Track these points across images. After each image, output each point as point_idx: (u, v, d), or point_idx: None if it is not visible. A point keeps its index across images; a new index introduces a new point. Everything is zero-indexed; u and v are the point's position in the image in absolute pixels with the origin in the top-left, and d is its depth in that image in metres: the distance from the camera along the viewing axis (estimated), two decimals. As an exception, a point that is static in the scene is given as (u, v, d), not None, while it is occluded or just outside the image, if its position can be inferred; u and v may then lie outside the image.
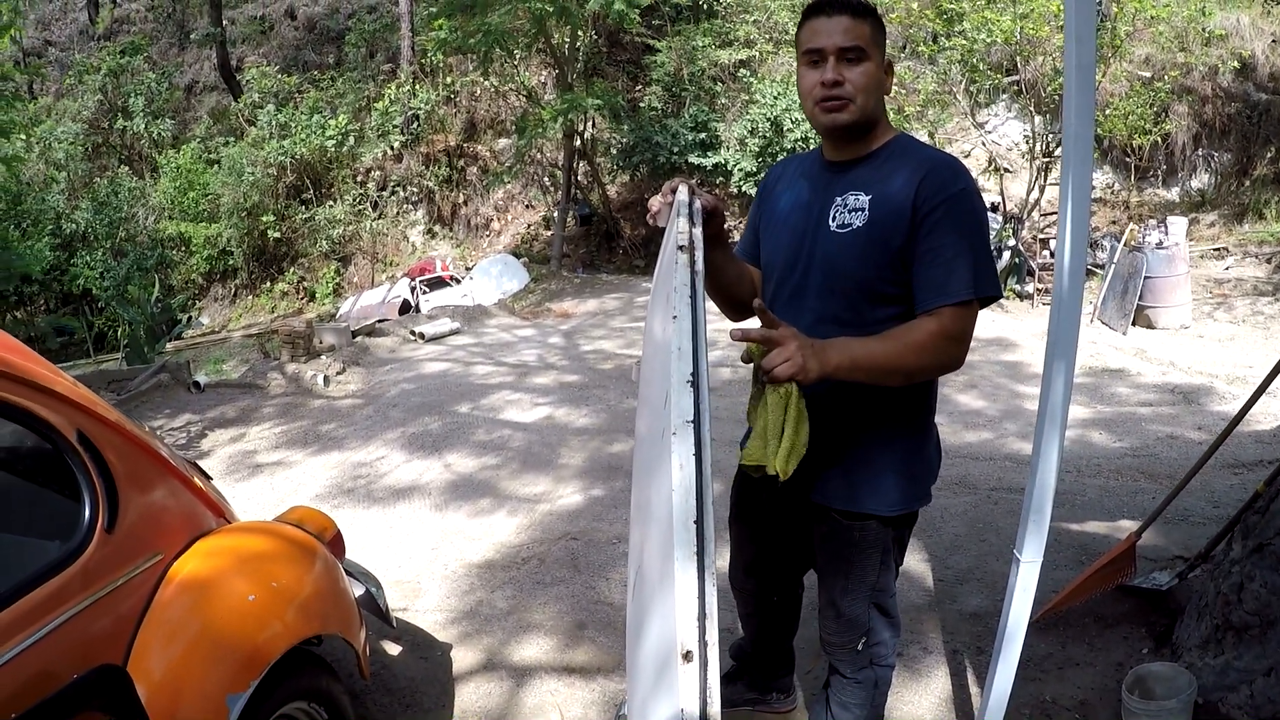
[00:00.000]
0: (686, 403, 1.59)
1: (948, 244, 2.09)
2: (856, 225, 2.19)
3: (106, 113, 22.65)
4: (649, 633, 1.59)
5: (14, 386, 1.96)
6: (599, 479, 6.00)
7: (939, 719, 3.19)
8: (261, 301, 20.93)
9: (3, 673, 1.74)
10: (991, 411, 7.46)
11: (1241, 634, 2.84)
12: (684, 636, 1.35)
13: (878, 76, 2.19)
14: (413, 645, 3.88)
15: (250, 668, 2.21)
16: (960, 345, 2.10)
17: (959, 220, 2.09)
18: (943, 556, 4.44)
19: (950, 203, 2.09)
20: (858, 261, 2.18)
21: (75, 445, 2.07)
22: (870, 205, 2.17)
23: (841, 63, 2.15)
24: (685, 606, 1.37)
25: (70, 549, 2.02)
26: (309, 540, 2.70)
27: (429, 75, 21.89)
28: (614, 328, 12.75)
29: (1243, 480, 5.22)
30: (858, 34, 2.13)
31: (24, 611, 1.84)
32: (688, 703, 1.30)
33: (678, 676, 1.32)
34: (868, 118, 2.20)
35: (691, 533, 1.43)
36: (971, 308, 2.10)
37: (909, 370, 2.06)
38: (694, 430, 1.55)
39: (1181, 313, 10.99)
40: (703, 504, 1.47)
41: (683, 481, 1.49)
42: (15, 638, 1.80)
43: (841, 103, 2.17)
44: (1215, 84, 15.05)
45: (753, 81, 16.86)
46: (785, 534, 2.59)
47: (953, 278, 2.07)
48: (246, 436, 7.67)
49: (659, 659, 1.46)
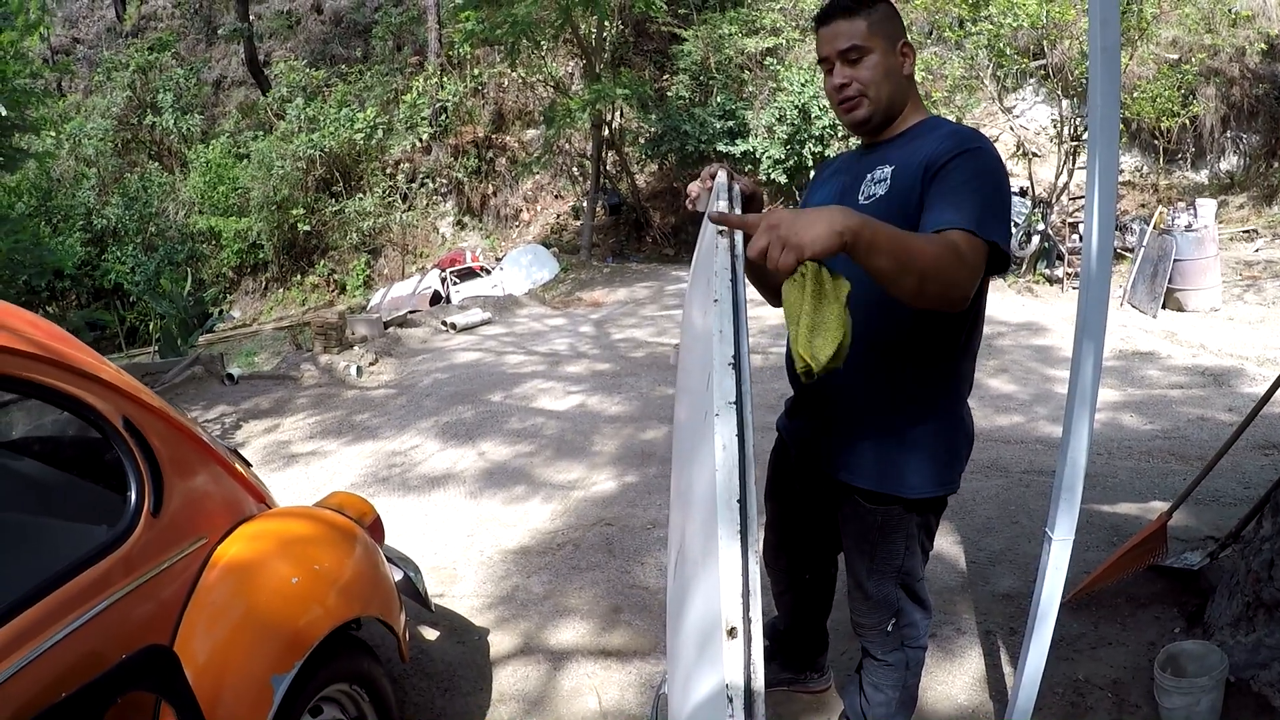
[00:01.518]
0: (729, 384, 1.62)
1: (957, 186, 2.04)
2: (879, 194, 2.23)
3: (135, 109, 22.91)
4: (691, 611, 1.63)
5: (63, 374, 2.01)
6: (632, 466, 6.05)
7: (972, 699, 3.23)
8: (292, 294, 21.11)
9: (53, 653, 1.80)
10: (1023, 395, 7.45)
11: (1273, 611, 2.86)
12: (729, 613, 1.38)
13: (885, 65, 2.23)
14: (450, 630, 3.94)
15: (294, 649, 2.26)
16: (969, 272, 1.92)
17: (970, 168, 2.07)
18: (975, 539, 4.47)
19: (963, 155, 2.08)
20: None
21: (121, 431, 2.12)
22: (892, 175, 2.22)
23: (845, 65, 2.24)
24: (729, 583, 1.41)
25: (118, 533, 2.07)
26: (349, 525, 2.75)
27: (456, 67, 21.97)
28: (645, 316, 12.78)
29: (1273, 461, 5.21)
30: (852, 33, 2.21)
31: (73, 594, 1.89)
32: (732, 676, 1.35)
33: (722, 652, 1.37)
34: (889, 105, 2.27)
35: (734, 511, 1.47)
36: (977, 242, 1.95)
37: (924, 268, 1.83)
38: (736, 411, 1.57)
39: (1211, 295, 10.90)
40: (745, 483, 1.49)
41: (725, 461, 1.52)
42: (65, 619, 1.85)
43: (855, 101, 2.26)
44: (1243, 65, 14.91)
45: (780, 69, 16.83)
46: (817, 512, 2.62)
47: (958, 212, 1.98)
48: (281, 427, 7.77)
49: (702, 636, 1.50)
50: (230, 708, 2.07)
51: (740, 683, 1.34)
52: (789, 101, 15.80)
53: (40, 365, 1.94)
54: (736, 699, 1.33)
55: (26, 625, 1.77)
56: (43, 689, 1.75)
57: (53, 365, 1.98)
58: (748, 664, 1.35)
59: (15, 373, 1.89)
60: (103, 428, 2.10)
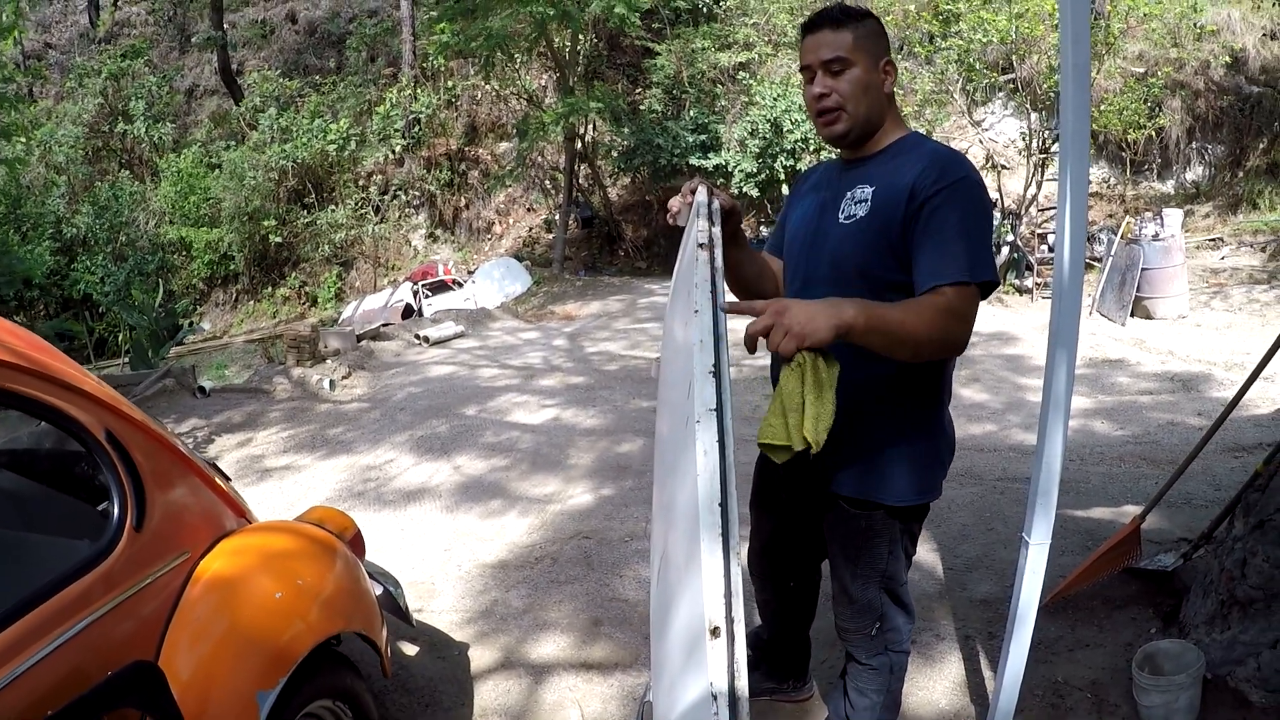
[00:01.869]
0: (709, 392, 1.66)
1: (947, 228, 2.12)
2: (860, 215, 2.26)
3: (107, 116, 22.76)
4: (677, 616, 1.65)
5: (46, 385, 1.99)
6: (608, 479, 6.05)
7: (954, 703, 3.25)
8: (263, 306, 21.02)
9: (37, 671, 1.77)
10: (995, 404, 7.52)
11: (1247, 608, 2.91)
12: (711, 613, 1.42)
13: (866, 80, 2.24)
14: (430, 645, 3.93)
15: (279, 665, 2.25)
16: (963, 325, 2.09)
17: (958, 207, 2.13)
18: (951, 545, 4.50)
19: (950, 190, 2.13)
20: (861, 250, 2.25)
21: (104, 444, 2.10)
22: (873, 196, 2.24)
23: (827, 75, 2.24)
24: (712, 584, 1.44)
25: (100, 548, 2.05)
26: (331, 539, 2.74)
27: (430, 79, 22.00)
28: (618, 329, 12.81)
29: (1243, 463, 5.28)
30: (838, 44, 2.21)
31: (57, 610, 1.86)
32: (717, 678, 1.37)
33: (707, 654, 1.39)
34: (865, 121, 2.28)
35: (716, 515, 1.50)
36: (970, 290, 2.10)
37: (918, 340, 2.00)
38: (717, 418, 1.62)
39: (1179, 303, 11.07)
40: (726, 487, 1.53)
41: (707, 466, 1.56)
42: (49, 635, 1.82)
43: (834, 114, 2.26)
44: (1208, 78, 15.19)
45: (752, 83, 16.93)
46: (801, 521, 2.65)
47: (951, 261, 2.09)
48: (254, 441, 7.73)
49: (688, 640, 1.52)
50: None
51: (724, 681, 1.36)
52: (761, 115, 15.90)
53: (23, 376, 1.93)
54: (721, 698, 1.35)
55: (9, 642, 1.75)
56: (28, 706, 1.73)
57: (35, 376, 1.96)
58: (731, 663, 1.38)
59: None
60: (85, 440, 2.08)
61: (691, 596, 1.52)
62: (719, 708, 1.35)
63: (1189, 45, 14.72)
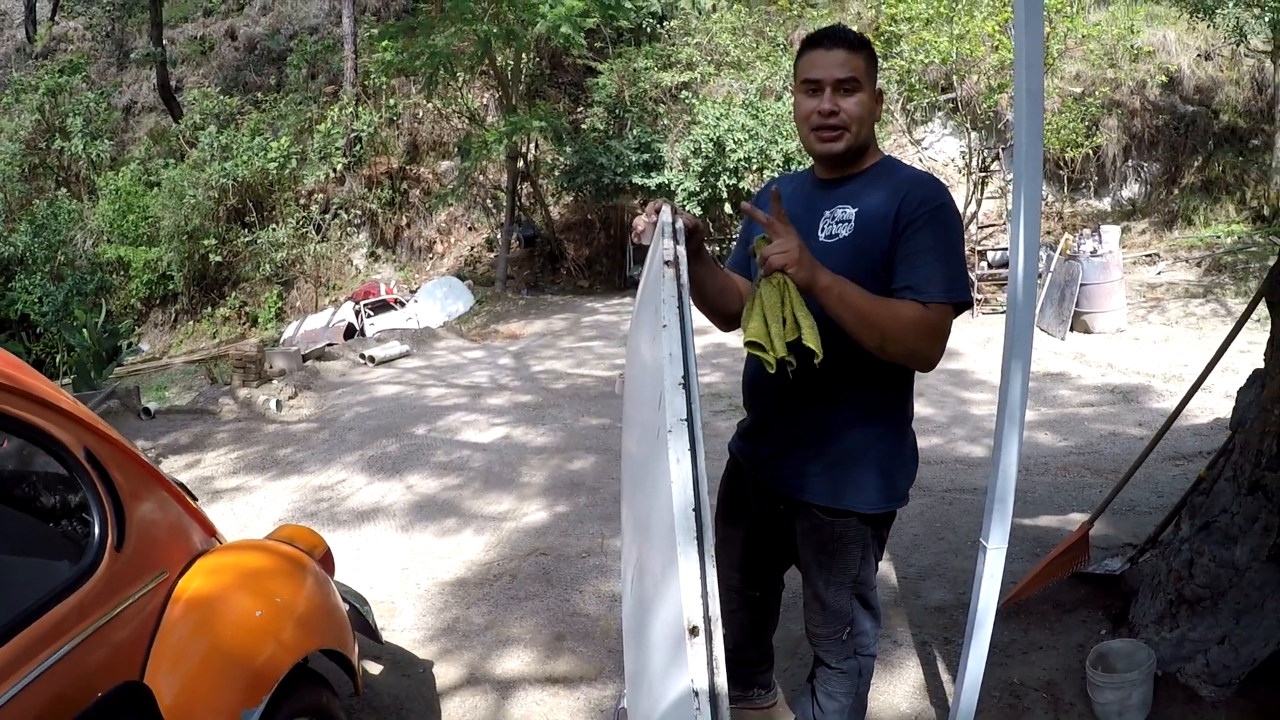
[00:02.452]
0: (680, 403, 1.73)
1: (926, 250, 2.22)
2: (843, 235, 2.33)
3: (44, 133, 22.32)
4: (656, 621, 1.69)
5: (26, 403, 1.98)
6: (562, 495, 6.07)
7: (914, 706, 3.32)
8: (203, 327, 20.74)
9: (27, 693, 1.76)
10: (940, 418, 7.66)
11: (1194, 606, 3.02)
12: (690, 612, 1.48)
13: (870, 106, 2.32)
14: (394, 664, 3.92)
15: (262, 683, 2.26)
16: (934, 341, 2.20)
17: (937, 231, 2.23)
18: (904, 555, 4.59)
19: (931, 214, 2.23)
20: (844, 268, 2.31)
21: (84, 463, 2.10)
22: (856, 217, 2.32)
23: (837, 93, 2.29)
24: (689, 585, 1.51)
25: (82, 569, 2.04)
26: (303, 558, 2.74)
27: (371, 97, 21.88)
28: (563, 348, 12.84)
29: (1184, 471, 5.44)
30: (853, 66, 2.27)
31: (42, 633, 1.85)
32: (698, 676, 1.42)
33: (687, 653, 1.44)
34: (860, 144, 2.35)
35: (691, 520, 1.58)
36: (947, 310, 2.21)
37: (885, 332, 2.14)
38: (688, 427, 1.69)
39: (1117, 317, 11.31)
40: (699, 492, 1.61)
41: (680, 474, 1.63)
42: (37, 658, 1.81)
43: (837, 132, 2.31)
44: (1144, 97, 15.58)
45: (695, 103, 17.07)
46: (768, 530, 2.70)
47: (930, 281, 2.20)
48: (202, 462, 7.63)
49: (668, 642, 1.57)
50: None
51: (704, 678, 1.43)
52: (704, 134, 16.04)
53: (4, 394, 1.92)
54: (702, 694, 1.41)
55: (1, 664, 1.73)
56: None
57: (15, 394, 1.95)
58: (710, 660, 1.44)
59: None
60: (65, 459, 2.07)
61: (670, 600, 1.57)
62: (700, 703, 1.40)
63: (1125, 66, 15.12)
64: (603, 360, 11.57)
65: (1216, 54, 15.96)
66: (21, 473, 2.44)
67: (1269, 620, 2.87)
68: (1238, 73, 15.72)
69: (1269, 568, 2.84)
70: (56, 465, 2.21)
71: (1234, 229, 14.32)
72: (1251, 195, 15.00)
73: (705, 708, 1.40)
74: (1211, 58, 15.99)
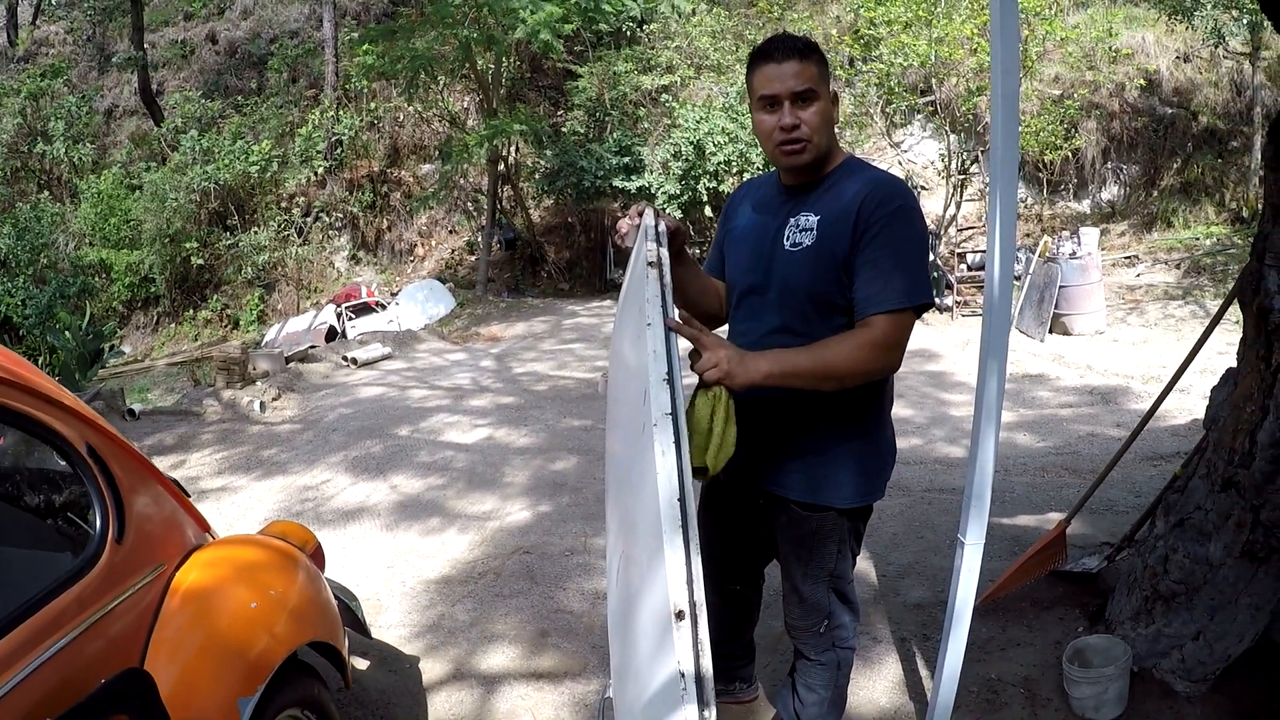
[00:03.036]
0: (664, 398, 1.80)
1: (885, 256, 2.25)
2: (806, 244, 2.36)
3: (26, 136, 22.18)
4: (643, 610, 1.74)
5: (31, 399, 2.01)
6: (545, 496, 6.11)
7: (894, 700, 3.37)
8: (184, 329, 20.66)
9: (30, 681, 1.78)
10: (919, 419, 7.72)
11: (1169, 602, 3.07)
12: (676, 597, 1.54)
13: (828, 112, 2.34)
14: (380, 659, 3.95)
15: (257, 672, 2.29)
16: (892, 352, 2.25)
17: (897, 235, 2.26)
18: (884, 554, 4.64)
19: (890, 218, 2.26)
20: (809, 277, 2.36)
21: (86, 458, 2.13)
22: (819, 225, 2.35)
23: (796, 105, 2.30)
24: (675, 571, 1.57)
25: (84, 560, 2.07)
26: (295, 552, 2.78)
27: (352, 100, 21.84)
28: (544, 350, 12.88)
29: (1161, 471, 5.51)
30: (807, 76, 2.28)
31: (47, 621, 1.88)
32: (684, 658, 1.48)
33: (674, 636, 1.49)
34: (824, 151, 2.37)
35: (676, 509, 1.64)
36: (906, 316, 2.25)
37: (840, 375, 2.21)
38: (672, 421, 1.76)
39: (1096, 319, 11.41)
40: (684, 483, 1.67)
41: (665, 466, 1.69)
42: (41, 646, 1.83)
43: (800, 145, 2.32)
44: (1122, 100, 15.69)
45: (675, 106, 17.11)
46: (748, 525, 2.73)
47: (888, 288, 2.23)
48: (187, 463, 7.64)
49: (655, 629, 1.62)
50: None
51: (690, 660, 1.47)
52: (684, 138, 16.08)
53: (9, 389, 1.95)
54: (688, 676, 1.46)
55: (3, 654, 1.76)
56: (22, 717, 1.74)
57: (21, 390, 1.98)
58: (696, 644, 1.49)
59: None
60: (69, 454, 2.10)
61: (656, 589, 1.62)
62: (686, 685, 1.45)
63: (1104, 68, 15.23)
64: (584, 362, 11.61)
65: (1195, 56, 16.11)
66: (22, 468, 2.47)
67: (1243, 616, 2.93)
68: (1216, 74, 15.86)
69: (1242, 564, 2.90)
70: (56, 461, 2.24)
71: (1213, 231, 14.45)
72: (1230, 197, 15.14)
73: (691, 689, 1.45)
74: (1190, 60, 16.13)
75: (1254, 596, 2.90)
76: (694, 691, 1.45)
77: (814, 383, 2.21)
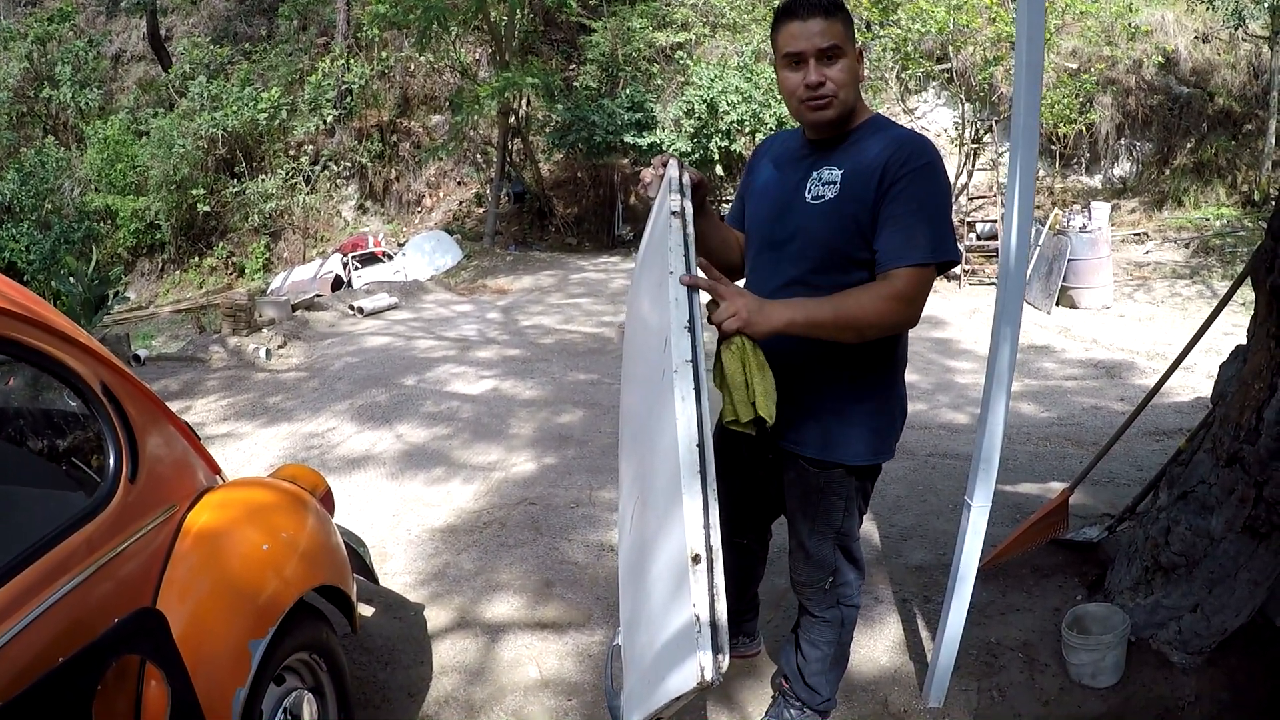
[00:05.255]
0: (685, 345, 1.83)
1: (909, 211, 2.26)
2: (829, 197, 2.37)
3: (32, 80, 22.02)
4: (658, 557, 1.77)
5: (47, 336, 2.01)
6: (550, 448, 6.14)
7: (894, 660, 3.42)
8: (189, 277, 20.63)
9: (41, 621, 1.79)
10: (924, 385, 7.74)
11: (1169, 574, 3.11)
12: (693, 541, 1.56)
13: (852, 69, 2.33)
14: (385, 606, 3.99)
15: (268, 615, 2.30)
16: (911, 306, 2.26)
17: (922, 190, 2.27)
18: (887, 515, 4.68)
19: (915, 174, 2.26)
20: (829, 230, 2.36)
21: (100, 396, 2.13)
22: (842, 179, 2.35)
23: (821, 63, 2.29)
24: (693, 516, 1.60)
25: (98, 499, 2.07)
26: (306, 496, 2.79)
27: (363, 49, 21.66)
28: (551, 304, 12.88)
29: (1164, 446, 5.53)
30: (833, 33, 2.27)
31: (61, 559, 1.89)
32: (699, 601, 1.50)
33: (689, 580, 1.52)
34: (848, 108, 2.37)
35: (694, 454, 1.67)
36: (927, 271, 2.26)
37: (860, 326, 2.22)
38: (692, 368, 1.79)
39: (1103, 293, 11.41)
40: (702, 429, 1.70)
41: (685, 411, 1.72)
42: (54, 584, 1.85)
43: (825, 100, 2.32)
44: (1139, 77, 15.58)
45: (689, 64, 16.99)
46: (758, 480, 2.76)
47: (911, 243, 2.24)
48: (193, 409, 7.67)
49: (672, 573, 1.64)
50: (210, 673, 2.09)
51: (706, 604, 1.50)
52: (697, 96, 15.96)
53: (25, 326, 1.95)
54: (703, 619, 1.49)
55: (16, 591, 1.77)
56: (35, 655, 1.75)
57: (38, 327, 1.98)
58: (711, 588, 1.52)
59: (3, 333, 1.89)
60: (83, 392, 2.11)
61: (674, 534, 1.65)
62: (701, 629, 1.48)
63: (1122, 44, 15.09)
64: (590, 317, 11.61)
65: (1214, 37, 15.98)
66: (36, 408, 2.48)
67: (1241, 591, 2.96)
68: (1234, 56, 15.74)
69: (1243, 539, 2.93)
70: (68, 401, 2.26)
71: (1223, 212, 14.39)
72: (1242, 180, 15.07)
73: (706, 634, 1.47)
74: (1209, 40, 16.00)
75: (1253, 572, 2.93)
76: (709, 636, 1.48)
77: (834, 333, 2.23)
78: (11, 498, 2.31)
